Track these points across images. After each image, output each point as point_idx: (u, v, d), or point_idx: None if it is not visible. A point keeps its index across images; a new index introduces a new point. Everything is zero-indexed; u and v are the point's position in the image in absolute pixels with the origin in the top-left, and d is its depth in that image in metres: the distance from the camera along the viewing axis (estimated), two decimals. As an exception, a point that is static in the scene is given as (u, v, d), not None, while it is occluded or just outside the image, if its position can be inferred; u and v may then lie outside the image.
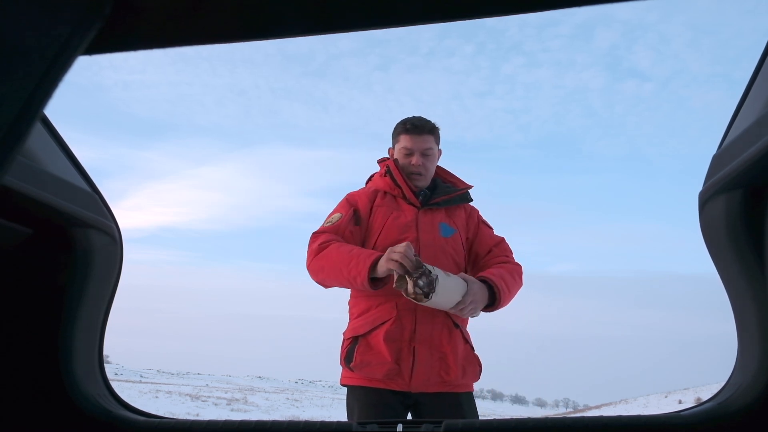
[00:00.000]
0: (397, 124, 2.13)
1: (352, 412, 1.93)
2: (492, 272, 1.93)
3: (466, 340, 1.99)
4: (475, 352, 2.01)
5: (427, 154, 2.06)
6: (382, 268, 1.72)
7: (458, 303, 1.78)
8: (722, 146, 0.96)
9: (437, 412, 1.87)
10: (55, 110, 0.63)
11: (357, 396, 1.94)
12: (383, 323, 1.89)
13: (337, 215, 2.01)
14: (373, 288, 1.79)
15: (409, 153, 2.06)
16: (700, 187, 1.00)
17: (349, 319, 2.05)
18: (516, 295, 1.98)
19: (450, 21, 0.48)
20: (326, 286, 1.97)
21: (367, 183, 2.25)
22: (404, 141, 2.07)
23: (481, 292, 1.84)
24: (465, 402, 1.94)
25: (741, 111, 0.95)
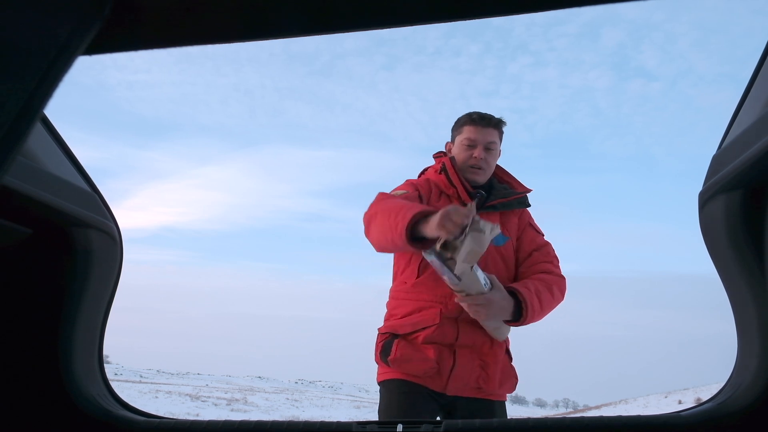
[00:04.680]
0: (462, 116, 2.02)
1: (388, 405, 1.85)
2: (526, 284, 1.83)
3: (507, 351, 1.95)
4: (513, 363, 1.97)
5: (490, 149, 1.96)
6: (431, 229, 1.51)
7: (468, 296, 1.69)
8: (722, 146, 0.96)
9: (470, 417, 1.81)
10: (58, 110, 0.63)
11: (393, 387, 1.85)
12: (425, 328, 1.82)
13: (401, 192, 1.89)
14: (411, 245, 1.57)
15: (471, 145, 1.95)
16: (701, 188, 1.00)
17: (387, 318, 1.97)
18: (553, 310, 1.89)
19: (456, 20, 0.48)
20: (373, 241, 1.76)
21: (419, 176, 2.11)
22: (468, 132, 1.96)
23: (501, 302, 1.74)
24: (498, 411, 1.91)
25: (741, 111, 0.96)
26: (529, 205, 2.06)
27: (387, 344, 1.88)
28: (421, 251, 1.63)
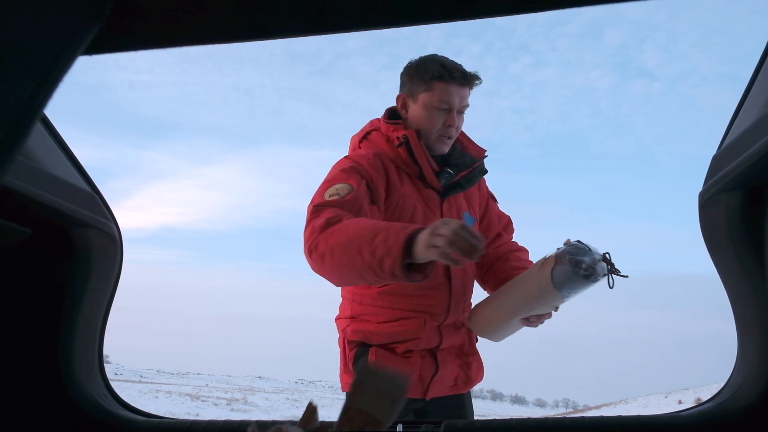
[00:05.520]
0: (428, 65, 1.54)
1: None
2: None
3: (477, 341, 1.83)
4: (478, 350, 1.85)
5: (463, 112, 1.59)
6: (421, 251, 1.17)
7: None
8: (722, 146, 0.96)
9: (442, 415, 1.69)
10: (60, 110, 0.64)
11: None
12: (406, 341, 1.58)
13: (344, 186, 1.42)
14: (407, 278, 1.23)
15: (446, 108, 1.54)
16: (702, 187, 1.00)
17: (349, 316, 1.64)
18: None
19: (458, 20, 0.48)
20: (334, 280, 1.43)
21: (360, 142, 1.65)
22: (443, 91, 1.53)
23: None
24: (467, 401, 1.87)
25: (741, 111, 0.96)
26: (486, 172, 1.74)
27: (360, 353, 1.60)
28: (416, 280, 1.27)
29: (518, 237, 1.99)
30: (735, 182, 0.88)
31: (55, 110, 0.75)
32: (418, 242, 1.19)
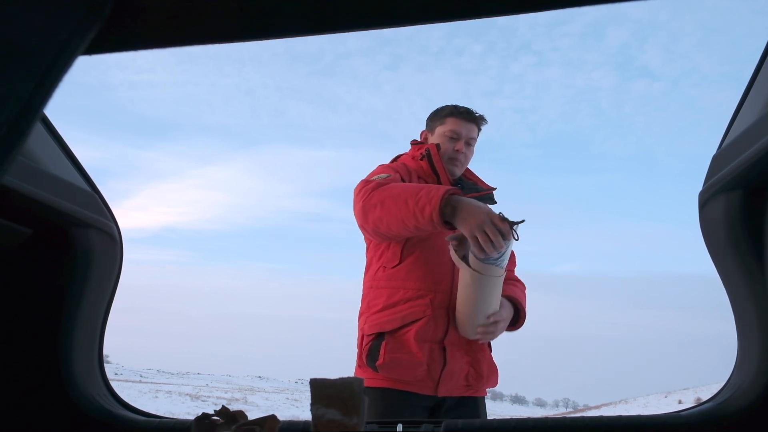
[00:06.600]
0: (444, 107, 2.00)
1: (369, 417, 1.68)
2: (516, 293, 1.87)
3: (490, 347, 1.92)
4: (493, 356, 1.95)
5: (470, 144, 1.98)
6: (461, 221, 1.53)
7: (492, 314, 1.70)
8: (722, 146, 0.96)
9: (455, 415, 1.76)
10: (60, 110, 0.64)
11: (378, 397, 1.73)
12: (415, 321, 1.72)
13: (383, 174, 1.81)
14: (443, 227, 1.57)
15: (455, 137, 1.94)
16: (701, 187, 1.00)
17: (366, 311, 1.83)
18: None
19: (459, 20, 0.48)
20: (378, 230, 1.72)
21: (392, 162, 2.04)
22: (452, 124, 1.95)
23: (509, 312, 1.78)
24: (482, 406, 1.89)
25: (741, 111, 0.96)
26: (495, 203, 2.05)
27: (374, 346, 1.73)
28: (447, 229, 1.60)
29: (521, 237, 2.03)
30: (735, 182, 0.88)
31: (55, 110, 0.75)
32: (460, 214, 1.53)
